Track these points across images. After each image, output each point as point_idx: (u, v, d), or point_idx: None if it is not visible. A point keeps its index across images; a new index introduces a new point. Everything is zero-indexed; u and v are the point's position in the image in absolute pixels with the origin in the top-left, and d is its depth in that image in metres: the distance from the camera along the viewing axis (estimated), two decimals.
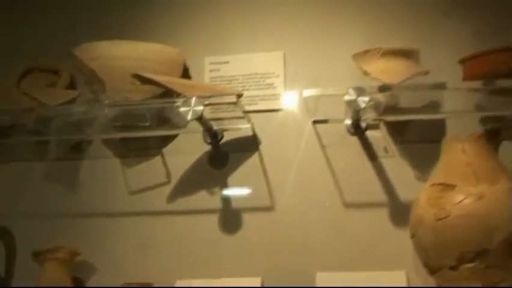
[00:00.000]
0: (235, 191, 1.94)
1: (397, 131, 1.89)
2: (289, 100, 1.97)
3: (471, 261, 1.51)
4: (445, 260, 1.53)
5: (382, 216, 1.84)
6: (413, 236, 1.60)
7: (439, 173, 1.62)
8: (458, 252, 1.50)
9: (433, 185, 1.59)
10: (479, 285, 1.51)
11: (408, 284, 1.72)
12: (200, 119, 1.73)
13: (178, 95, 1.77)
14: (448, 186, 1.55)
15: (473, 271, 1.50)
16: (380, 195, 1.86)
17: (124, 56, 1.92)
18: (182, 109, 1.70)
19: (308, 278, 1.77)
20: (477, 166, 1.58)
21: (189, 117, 1.70)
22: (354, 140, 1.92)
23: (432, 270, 1.58)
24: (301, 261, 1.83)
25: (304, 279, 1.78)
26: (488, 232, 1.49)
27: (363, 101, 1.65)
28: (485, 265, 1.49)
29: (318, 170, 1.91)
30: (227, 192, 1.95)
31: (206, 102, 1.73)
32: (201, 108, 1.70)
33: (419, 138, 1.86)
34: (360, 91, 1.65)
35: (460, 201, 1.52)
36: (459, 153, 1.62)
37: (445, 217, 1.52)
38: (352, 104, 1.65)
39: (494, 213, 1.49)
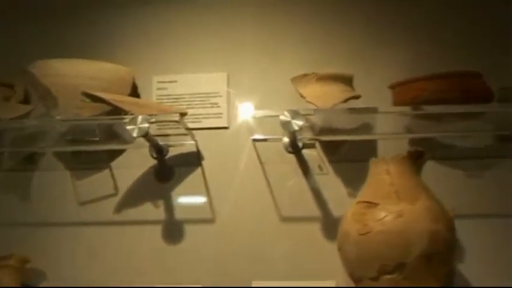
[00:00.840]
0: (179, 204, 2.05)
1: (331, 150, 2.02)
2: (232, 119, 2.08)
3: (390, 273, 1.61)
4: (367, 272, 1.63)
5: (315, 229, 1.96)
6: (339, 249, 1.71)
7: (365, 191, 1.73)
8: (378, 265, 1.61)
9: (359, 202, 1.70)
10: None
11: None
12: (145, 135, 1.83)
13: (126, 112, 1.86)
14: (372, 204, 1.66)
15: (392, 282, 1.61)
16: (314, 210, 1.99)
17: (76, 74, 2.00)
18: (129, 127, 1.80)
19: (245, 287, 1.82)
20: (399, 186, 1.68)
21: (135, 134, 1.80)
22: (291, 158, 2.03)
23: (356, 281, 1.68)
24: (239, 271, 1.94)
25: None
26: (406, 247, 1.60)
27: (296, 123, 1.75)
28: (402, 277, 1.61)
29: (257, 185, 2.02)
30: (171, 204, 2.05)
31: (151, 120, 1.82)
32: (146, 125, 1.79)
33: (352, 158, 1.97)
34: (294, 114, 1.77)
35: (381, 218, 1.63)
36: (383, 174, 1.73)
37: (367, 232, 1.62)
38: (287, 126, 1.74)
39: (412, 230, 1.61)
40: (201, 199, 2.05)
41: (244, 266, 1.95)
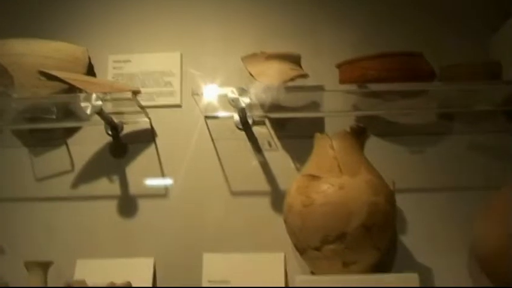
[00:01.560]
0: (133, 179, 2.09)
1: (280, 127, 2.08)
2: (184, 97, 2.13)
3: (332, 243, 1.69)
4: (310, 242, 1.70)
5: (265, 203, 2.03)
6: (285, 221, 1.77)
7: (309, 165, 1.80)
8: (321, 235, 1.68)
9: (303, 175, 1.76)
10: (340, 264, 1.69)
11: (286, 264, 1.91)
12: (99, 113, 1.88)
13: (81, 90, 1.89)
14: (315, 177, 1.73)
15: (333, 251, 1.69)
16: (264, 185, 2.05)
17: (33, 54, 2.03)
18: (83, 104, 1.84)
19: (196, 259, 1.94)
20: (342, 160, 1.76)
21: (89, 111, 1.84)
22: (242, 135, 2.09)
23: (301, 251, 1.75)
24: (190, 244, 2.00)
25: (193, 259, 1.95)
26: (346, 218, 1.68)
27: (243, 100, 1.81)
28: (344, 246, 1.68)
29: (208, 161, 2.08)
30: (125, 180, 2.10)
31: (105, 98, 1.88)
32: (99, 103, 1.84)
33: (300, 134, 2.03)
34: (242, 91, 1.83)
35: (324, 191, 1.70)
36: (327, 149, 1.79)
37: (310, 204, 1.69)
38: (235, 103, 1.81)
39: (353, 202, 1.68)
40: (154, 175, 2.10)
41: (196, 239, 2.01)
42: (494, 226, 1.73)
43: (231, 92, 1.82)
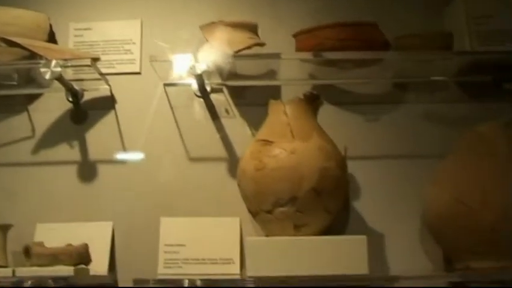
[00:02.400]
0: (93, 145, 2.12)
1: (238, 94, 2.12)
2: (144, 65, 2.14)
3: (283, 206, 1.73)
4: (262, 205, 1.74)
5: (221, 169, 2.08)
6: (239, 185, 1.81)
7: (263, 131, 1.83)
8: (273, 199, 1.72)
9: (257, 141, 1.80)
10: (291, 226, 1.73)
11: (241, 228, 1.96)
12: (59, 79, 1.90)
13: (41, 57, 1.90)
14: (268, 142, 1.76)
15: (285, 214, 1.73)
16: (221, 151, 2.09)
17: None
18: (42, 69, 1.85)
19: (154, 223, 1.98)
20: (294, 126, 1.79)
21: (48, 76, 1.86)
22: (200, 102, 2.13)
23: (254, 214, 1.79)
24: (148, 208, 2.04)
25: (150, 223, 1.99)
26: (297, 182, 1.71)
27: (199, 67, 1.86)
28: (295, 209, 1.72)
29: (167, 127, 2.12)
30: (85, 146, 2.12)
31: (65, 64, 1.91)
32: (59, 69, 1.86)
33: (257, 102, 2.06)
34: (199, 59, 1.88)
35: (276, 155, 1.73)
36: (281, 115, 1.83)
37: (263, 168, 1.72)
38: (192, 70, 1.86)
39: (304, 166, 1.72)
40: (113, 141, 2.12)
41: (153, 204, 2.05)
42: (442, 191, 1.78)
43: (189, 60, 1.85)
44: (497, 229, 1.68)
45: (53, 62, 1.85)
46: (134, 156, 2.10)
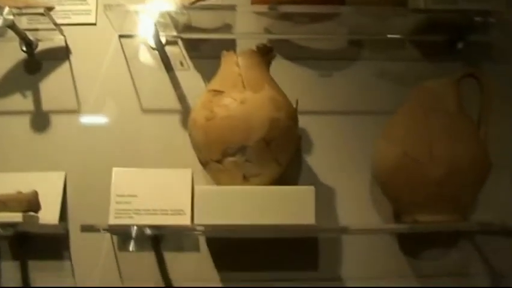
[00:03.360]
0: (46, 95, 2.12)
1: (193, 47, 2.13)
2: (100, 16, 2.13)
3: (232, 155, 1.73)
4: (212, 155, 1.74)
5: (175, 120, 2.08)
6: (190, 135, 1.81)
7: (214, 81, 1.83)
8: (222, 148, 1.72)
9: (208, 91, 1.80)
10: (241, 176, 1.74)
11: (193, 179, 1.98)
12: (12, 27, 1.89)
13: None
14: (219, 92, 1.76)
15: (234, 164, 1.74)
16: (174, 103, 2.10)
17: None
18: None
19: (106, 173, 1.98)
20: (246, 77, 1.79)
21: (0, 24, 1.84)
22: (155, 54, 2.12)
23: (204, 164, 1.80)
24: (101, 159, 2.05)
25: (103, 174, 1.99)
26: (247, 131, 1.72)
27: (156, 19, 1.93)
28: (244, 159, 1.73)
29: (121, 79, 2.11)
30: (39, 96, 2.12)
31: (19, 12, 1.90)
32: (11, 17, 1.85)
33: (212, 55, 2.03)
34: (156, 10, 1.91)
35: (226, 105, 1.73)
36: (233, 66, 1.82)
37: (213, 118, 1.72)
38: (147, 22, 1.92)
39: (254, 116, 1.72)
40: (67, 92, 2.12)
41: (106, 155, 2.05)
42: (391, 145, 1.81)
43: (144, 11, 1.86)
44: (444, 183, 1.72)
45: (6, 10, 1.83)
46: (87, 107, 2.10)
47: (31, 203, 1.81)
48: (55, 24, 2.01)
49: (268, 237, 1.97)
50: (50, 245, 2.00)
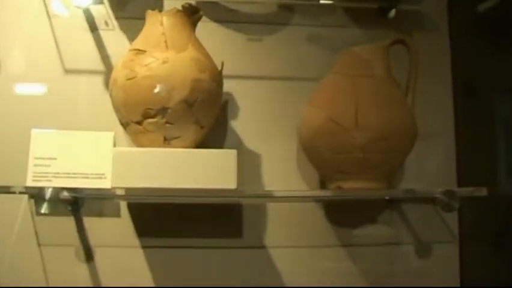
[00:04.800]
0: None
1: (119, 7, 2.07)
2: None
3: (153, 117, 1.68)
4: (132, 116, 1.69)
5: (98, 82, 2.03)
6: (110, 96, 1.76)
7: (137, 41, 1.78)
8: (142, 109, 1.67)
9: (130, 50, 1.74)
10: (161, 138, 1.69)
11: (115, 142, 1.94)
12: None
13: None
14: (141, 51, 1.71)
15: (155, 125, 1.69)
16: (98, 64, 2.05)
17: None
18: None
19: (25, 135, 1.92)
20: (169, 36, 1.74)
21: None
22: (79, 12, 2.04)
23: (124, 126, 1.74)
24: (20, 120, 1.99)
25: (21, 135, 1.94)
26: (168, 92, 1.67)
27: None
28: (165, 121, 1.68)
29: (43, 38, 2.04)
30: None
31: None
32: None
33: (139, 16, 1.95)
34: None
35: (147, 64, 1.68)
36: (157, 25, 1.77)
37: (133, 77, 1.67)
38: None
39: (176, 76, 1.67)
40: None
41: (26, 116, 1.99)
42: (317, 110, 1.79)
43: None
44: (369, 150, 1.71)
45: None
46: (7, 67, 2.02)
47: None
48: None
49: (191, 203, 1.94)
50: None
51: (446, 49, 2.17)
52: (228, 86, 1.89)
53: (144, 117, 1.70)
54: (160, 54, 1.70)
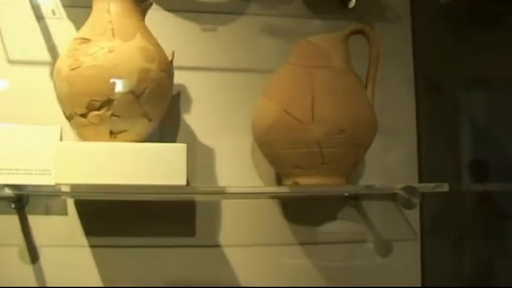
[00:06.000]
0: None
1: None
2: None
3: (98, 109, 1.60)
4: (77, 108, 1.61)
5: (44, 73, 1.94)
6: (54, 87, 1.67)
7: (83, 29, 1.69)
8: (87, 101, 1.58)
9: (75, 39, 1.65)
10: (107, 132, 1.61)
11: (62, 136, 1.84)
12: None
13: None
14: (86, 40, 1.62)
15: (100, 118, 1.60)
16: (44, 54, 1.94)
17: None
18: None
19: None
20: (117, 25, 1.66)
21: None
22: (25, 1, 1.96)
23: (69, 119, 1.66)
24: None
25: None
26: (114, 83, 1.58)
27: None
28: (110, 113, 1.59)
29: None
30: None
31: None
32: None
33: (87, 4, 1.85)
34: None
35: (93, 53, 1.59)
36: (104, 12, 1.68)
37: (78, 67, 1.58)
38: None
39: (122, 66, 1.59)
40: None
41: None
42: (271, 103, 1.72)
43: None
44: (326, 144, 1.64)
45: None
46: None
47: None
48: None
49: (142, 200, 1.86)
50: None
51: (408, 40, 2.14)
52: (180, 77, 1.83)
53: (89, 109, 1.61)
54: (106, 42, 1.61)
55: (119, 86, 1.60)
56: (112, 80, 1.60)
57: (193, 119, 1.97)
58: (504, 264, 1.89)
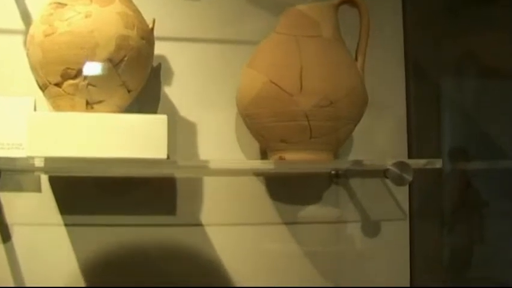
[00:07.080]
0: None
1: None
2: None
3: (74, 78, 1.52)
4: (51, 77, 1.52)
5: (17, 42, 1.85)
6: (27, 55, 1.60)
7: None
8: (62, 69, 1.50)
9: (50, 4, 1.56)
10: (83, 103, 1.54)
11: (36, 108, 1.76)
12: None
13: None
14: (61, 5, 1.53)
15: (75, 88, 1.52)
16: (18, 22, 1.87)
17: None
18: None
19: None
20: None
21: None
22: None
23: (42, 89, 1.56)
24: None
25: None
26: (91, 50, 1.50)
27: None
28: (87, 83, 1.51)
29: None
30: None
31: None
32: None
33: None
34: None
35: (68, 18, 1.50)
36: None
37: (52, 33, 1.49)
38: None
39: (100, 32, 1.50)
40: None
41: None
42: (257, 73, 1.65)
43: None
44: (314, 117, 1.57)
45: None
46: None
47: None
48: None
49: (120, 177, 1.78)
50: None
51: (398, 13, 2.08)
52: (161, 48, 1.76)
53: (64, 78, 1.52)
54: (83, 7, 1.53)
55: (97, 54, 1.54)
56: (88, 48, 1.52)
57: (175, 91, 1.88)
58: (491, 242, 1.93)
